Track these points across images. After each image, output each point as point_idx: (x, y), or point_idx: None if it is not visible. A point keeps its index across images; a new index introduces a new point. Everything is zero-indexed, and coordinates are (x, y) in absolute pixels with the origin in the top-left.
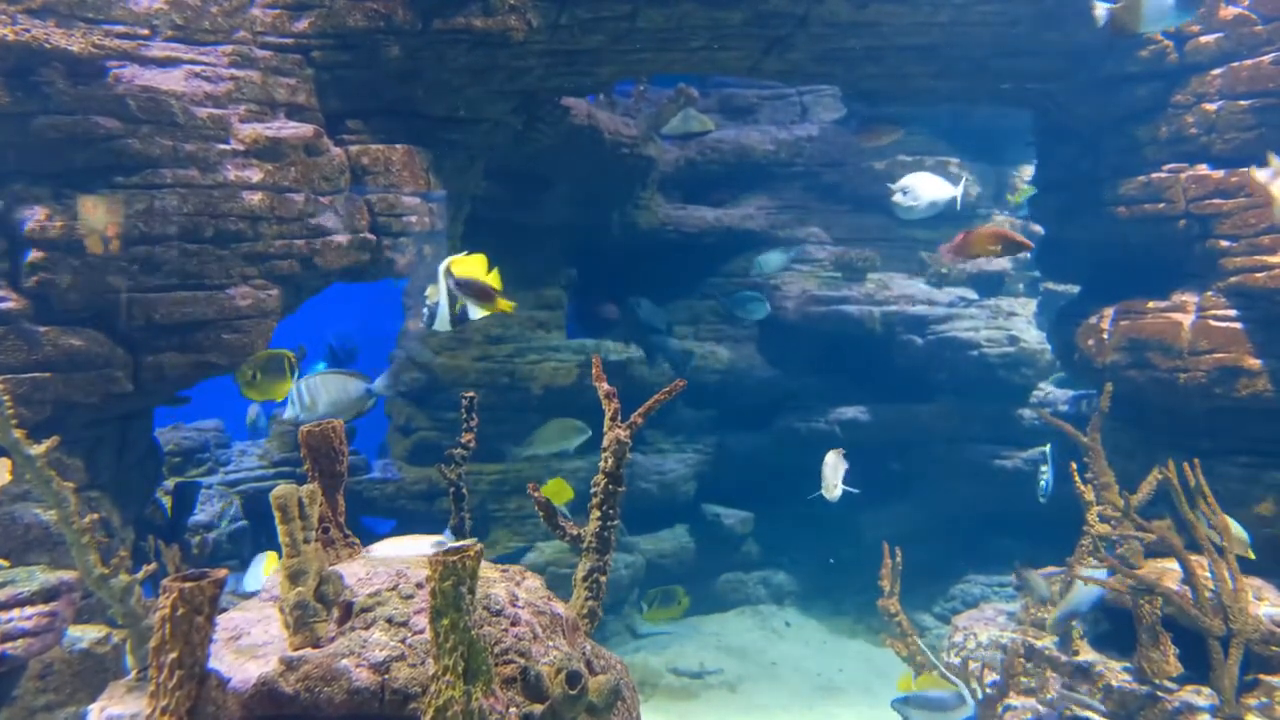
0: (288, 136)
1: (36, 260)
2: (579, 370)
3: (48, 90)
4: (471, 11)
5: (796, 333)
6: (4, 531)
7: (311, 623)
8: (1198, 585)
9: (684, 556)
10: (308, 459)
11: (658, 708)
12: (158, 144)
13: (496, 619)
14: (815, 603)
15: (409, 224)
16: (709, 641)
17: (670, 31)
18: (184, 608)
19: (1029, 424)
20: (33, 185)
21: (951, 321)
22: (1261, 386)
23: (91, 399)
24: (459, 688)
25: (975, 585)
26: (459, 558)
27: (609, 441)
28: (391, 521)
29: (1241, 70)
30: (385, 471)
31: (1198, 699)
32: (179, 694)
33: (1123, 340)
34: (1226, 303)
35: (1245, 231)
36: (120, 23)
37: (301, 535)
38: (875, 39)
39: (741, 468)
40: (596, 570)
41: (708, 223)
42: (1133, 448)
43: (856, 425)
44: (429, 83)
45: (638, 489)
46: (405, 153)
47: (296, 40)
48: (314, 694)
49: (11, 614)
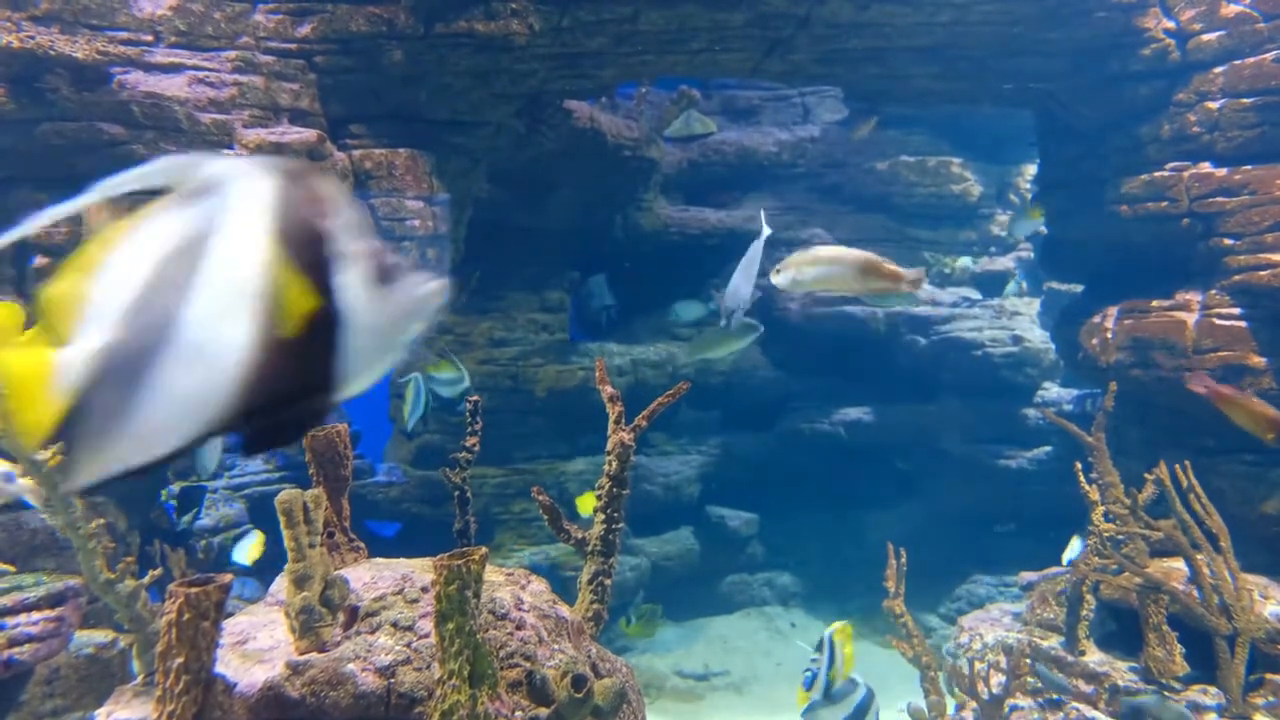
0: (291, 141)
1: (42, 266)
2: (583, 373)
3: (52, 96)
4: (473, 15)
5: (800, 334)
6: (10, 536)
7: (317, 627)
8: (1204, 584)
9: (689, 559)
10: (312, 463)
11: (663, 710)
12: (162, 149)
13: (502, 623)
14: (820, 604)
15: (412, 227)
16: (714, 643)
17: (672, 33)
18: (190, 613)
19: (1033, 424)
20: (37, 191)
21: (955, 322)
22: (1266, 384)
23: None
24: (464, 691)
25: (981, 586)
26: (464, 562)
27: (613, 445)
28: (396, 525)
29: (1244, 68)
30: (390, 475)
31: (1204, 698)
32: (185, 699)
33: (1126, 339)
34: (1230, 301)
35: (1249, 230)
36: (124, 29)
37: (306, 540)
38: (877, 40)
39: (746, 469)
40: (601, 573)
41: (710, 224)
42: (1137, 447)
43: (861, 426)
44: (431, 87)
45: (642, 491)
46: (408, 157)
47: (299, 45)
48: (320, 698)
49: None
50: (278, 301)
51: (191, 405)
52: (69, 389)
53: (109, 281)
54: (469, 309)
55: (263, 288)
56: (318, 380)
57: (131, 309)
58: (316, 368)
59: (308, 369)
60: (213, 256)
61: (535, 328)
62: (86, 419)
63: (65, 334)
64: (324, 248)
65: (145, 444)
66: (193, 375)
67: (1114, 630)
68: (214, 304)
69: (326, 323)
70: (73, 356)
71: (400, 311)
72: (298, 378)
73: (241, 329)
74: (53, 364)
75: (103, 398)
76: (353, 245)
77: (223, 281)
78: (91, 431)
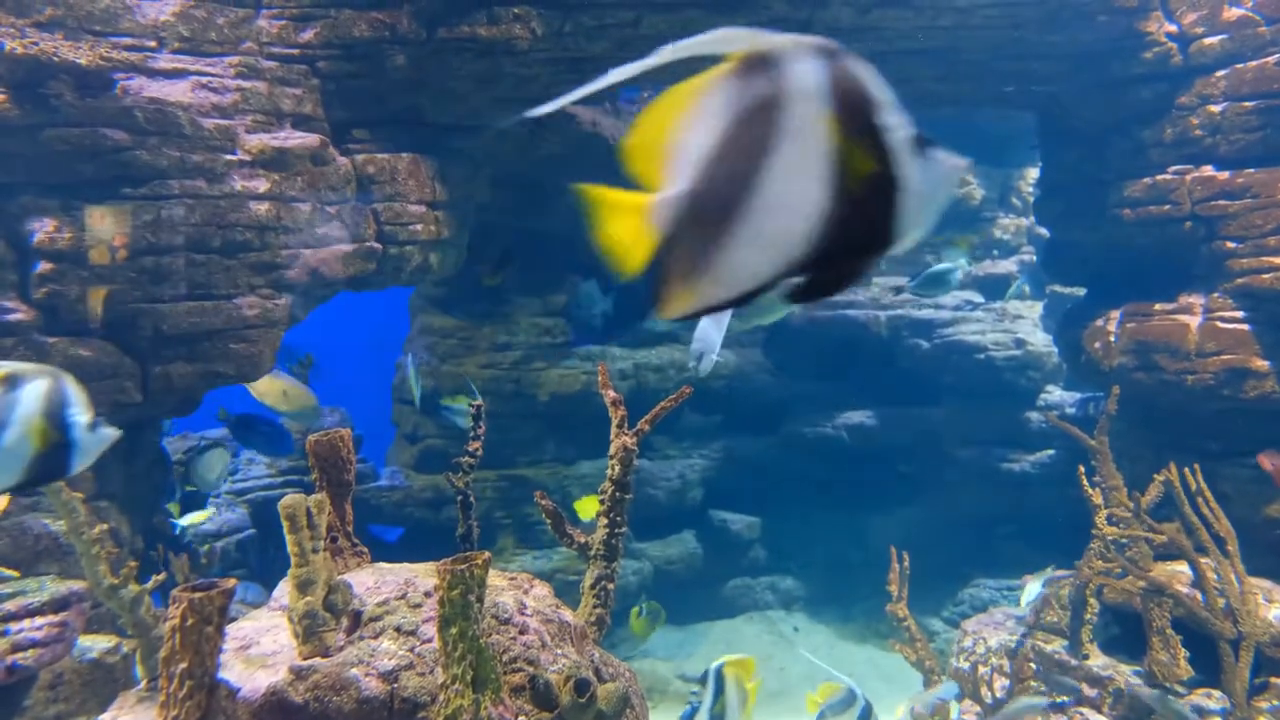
0: (294, 146)
1: (45, 272)
2: (585, 377)
3: (56, 103)
4: (476, 20)
5: (803, 337)
6: (14, 542)
7: (320, 632)
8: (1208, 588)
9: (692, 562)
10: (315, 468)
11: (667, 714)
12: (165, 155)
13: (505, 627)
14: (824, 608)
15: (415, 232)
16: (717, 648)
17: (674, 38)
18: (193, 618)
19: (1036, 427)
20: (41, 197)
21: (957, 325)
22: (1270, 388)
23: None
24: (468, 696)
25: (984, 589)
26: (467, 566)
27: (616, 449)
28: (399, 530)
29: (1246, 72)
30: (393, 479)
31: (1209, 702)
32: (189, 704)
33: (1130, 343)
34: (1233, 304)
35: (1251, 233)
36: (128, 35)
37: (310, 544)
38: (878, 43)
39: (749, 473)
40: (604, 578)
41: None
42: (1141, 450)
43: (863, 429)
44: (434, 91)
45: (645, 495)
46: (411, 161)
47: (302, 50)
48: (323, 703)
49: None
50: (844, 163)
51: (771, 250)
52: (660, 228)
53: (688, 135)
54: (472, 313)
55: (830, 150)
56: (876, 237)
57: (713, 161)
58: (876, 225)
59: (869, 226)
60: (784, 120)
61: (538, 332)
62: (675, 256)
63: (652, 180)
64: (875, 118)
65: (729, 283)
66: (775, 222)
67: (1118, 634)
68: (791, 161)
69: (884, 184)
70: (663, 199)
71: (939, 178)
72: (861, 233)
73: (815, 185)
74: (647, 204)
75: (690, 238)
76: (895, 117)
77: (797, 143)
78: (680, 269)
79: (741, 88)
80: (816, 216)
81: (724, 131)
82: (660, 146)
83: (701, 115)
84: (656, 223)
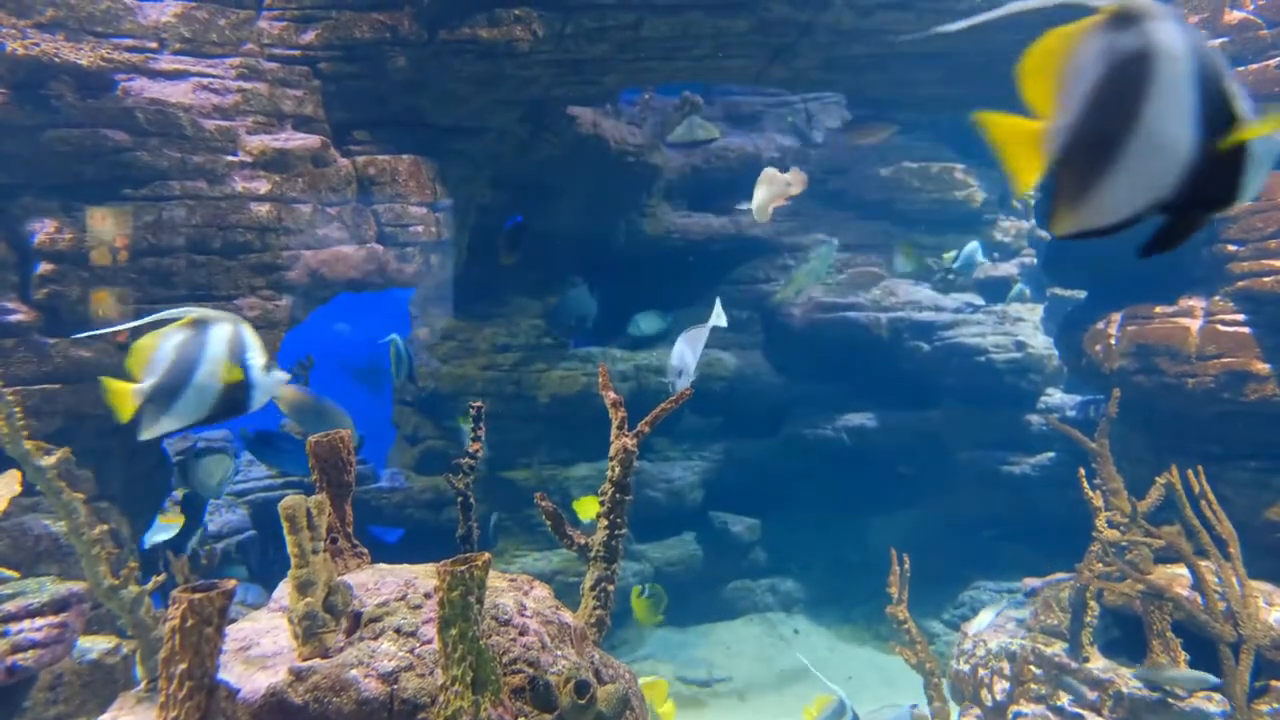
0: (295, 148)
1: (46, 273)
2: (585, 379)
3: (57, 104)
4: (477, 22)
5: (803, 339)
6: (14, 542)
7: (320, 633)
8: (1207, 591)
9: (692, 564)
10: (315, 469)
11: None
12: (166, 156)
13: (505, 628)
14: (824, 610)
15: (416, 233)
16: (717, 649)
17: (675, 40)
18: (193, 619)
19: (1037, 429)
20: (42, 198)
21: (958, 327)
22: (1270, 391)
23: (101, 410)
24: (467, 698)
25: (985, 592)
26: (467, 567)
27: (616, 450)
28: (399, 531)
29: (1247, 75)
30: (393, 481)
31: (1209, 705)
32: (189, 705)
33: (1130, 346)
34: (1234, 307)
35: (1252, 236)
36: (129, 36)
37: (310, 545)
38: (879, 46)
39: (749, 474)
40: (604, 579)
41: (714, 230)
42: (1141, 453)
43: (864, 432)
44: (435, 93)
45: (645, 497)
46: (412, 163)
47: (303, 52)
48: (323, 704)
49: (22, 625)
50: (1209, 121)
51: (1144, 185)
52: (1051, 154)
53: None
54: (472, 314)
55: (1197, 106)
56: (1225, 193)
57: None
58: (1228, 182)
59: (1223, 181)
60: (1157, 73)
61: (538, 333)
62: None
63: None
64: (1225, 84)
65: (1107, 211)
66: (1150, 162)
67: (1118, 637)
68: (1166, 111)
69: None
70: (1054, 128)
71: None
72: (1215, 186)
73: (1186, 136)
74: (1040, 131)
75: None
76: (1239, 87)
77: (1171, 96)
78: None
79: (1114, 39)
80: (1184, 164)
81: (1102, 75)
82: (1051, 77)
83: (1083, 58)
84: (1047, 148)
